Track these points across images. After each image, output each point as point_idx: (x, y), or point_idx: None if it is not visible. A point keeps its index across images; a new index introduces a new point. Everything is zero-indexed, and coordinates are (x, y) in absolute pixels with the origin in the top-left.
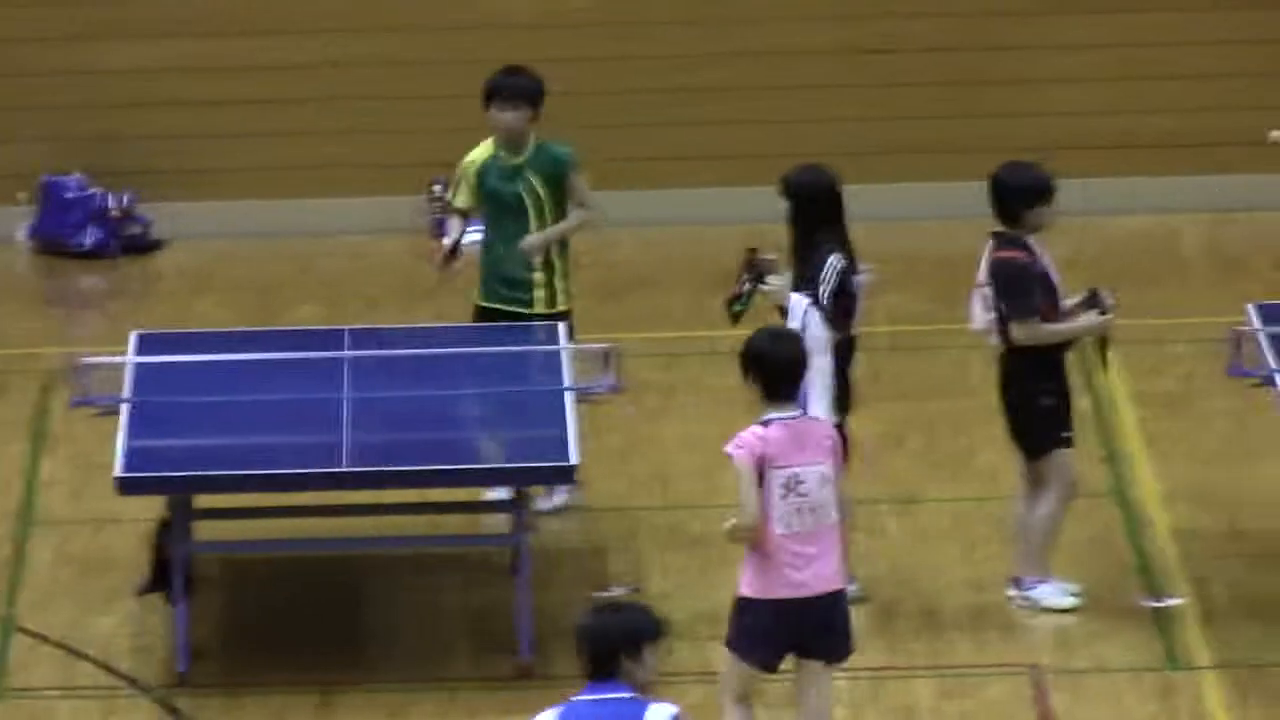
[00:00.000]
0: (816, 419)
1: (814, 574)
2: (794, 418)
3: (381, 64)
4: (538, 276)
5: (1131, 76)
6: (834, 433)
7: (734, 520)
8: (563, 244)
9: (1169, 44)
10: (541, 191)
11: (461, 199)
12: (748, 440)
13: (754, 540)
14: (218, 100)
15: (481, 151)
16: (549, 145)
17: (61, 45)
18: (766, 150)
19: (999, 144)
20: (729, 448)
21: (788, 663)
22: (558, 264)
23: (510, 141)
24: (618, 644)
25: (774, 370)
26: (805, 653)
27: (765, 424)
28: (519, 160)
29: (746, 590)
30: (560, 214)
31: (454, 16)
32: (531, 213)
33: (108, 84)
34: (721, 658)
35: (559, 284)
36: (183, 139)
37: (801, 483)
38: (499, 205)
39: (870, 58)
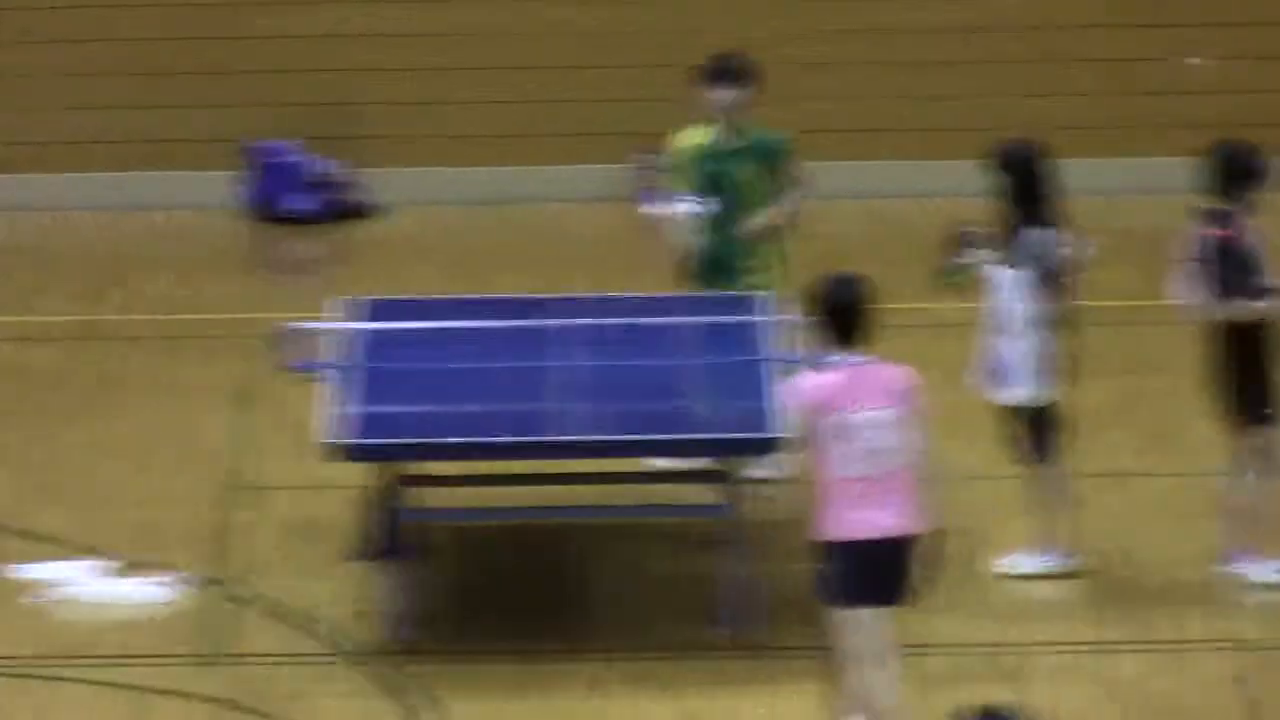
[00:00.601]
0: (887, 364)
1: (875, 516)
2: (857, 363)
3: (591, 33)
4: (754, 262)
5: None
6: (908, 379)
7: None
8: (776, 228)
9: None
10: (757, 174)
11: (678, 184)
12: (804, 387)
13: (813, 482)
14: (430, 67)
15: (696, 136)
16: (765, 130)
17: (275, 9)
18: (979, 123)
19: (1200, 120)
20: (787, 393)
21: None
22: (772, 248)
23: (728, 124)
24: None
25: (837, 314)
26: (881, 598)
27: (826, 369)
28: (738, 145)
29: (820, 533)
30: (773, 197)
31: None
32: (749, 198)
33: (322, 49)
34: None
35: (778, 269)
36: (396, 105)
37: (857, 427)
38: (715, 190)
39: (1075, 32)
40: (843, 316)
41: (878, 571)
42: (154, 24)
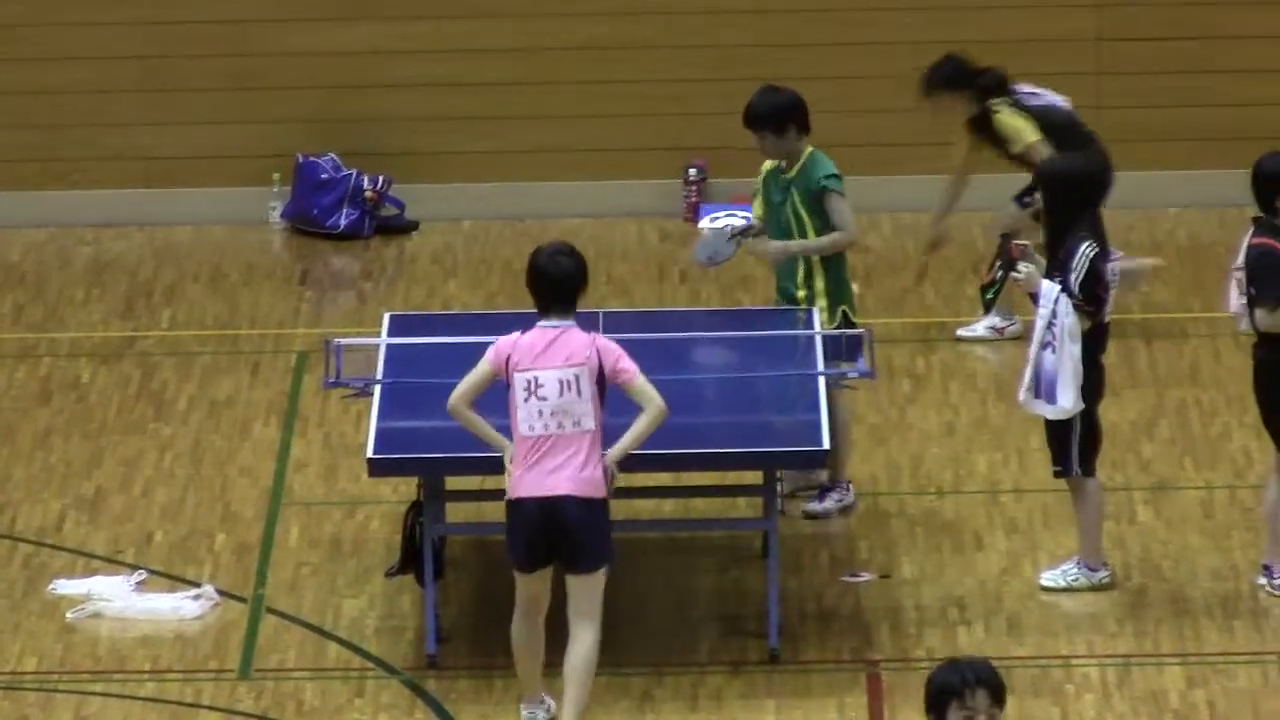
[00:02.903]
0: (586, 331)
1: (552, 477)
2: (556, 327)
3: (633, 47)
4: (800, 294)
5: None
6: (606, 347)
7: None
8: (825, 264)
9: None
10: (801, 207)
11: (755, 209)
12: (500, 343)
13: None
14: (469, 83)
15: (770, 162)
16: (817, 162)
17: (314, 26)
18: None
19: (1246, 132)
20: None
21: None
22: (820, 283)
23: (780, 158)
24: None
25: (547, 284)
26: (563, 563)
27: (525, 331)
28: (790, 174)
29: (507, 489)
30: (822, 231)
31: (701, 1)
32: (793, 226)
33: (361, 65)
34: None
35: (820, 302)
36: (435, 121)
37: (541, 386)
38: (772, 216)
39: (1115, 45)
40: (551, 286)
41: (541, 532)
42: (188, 40)
